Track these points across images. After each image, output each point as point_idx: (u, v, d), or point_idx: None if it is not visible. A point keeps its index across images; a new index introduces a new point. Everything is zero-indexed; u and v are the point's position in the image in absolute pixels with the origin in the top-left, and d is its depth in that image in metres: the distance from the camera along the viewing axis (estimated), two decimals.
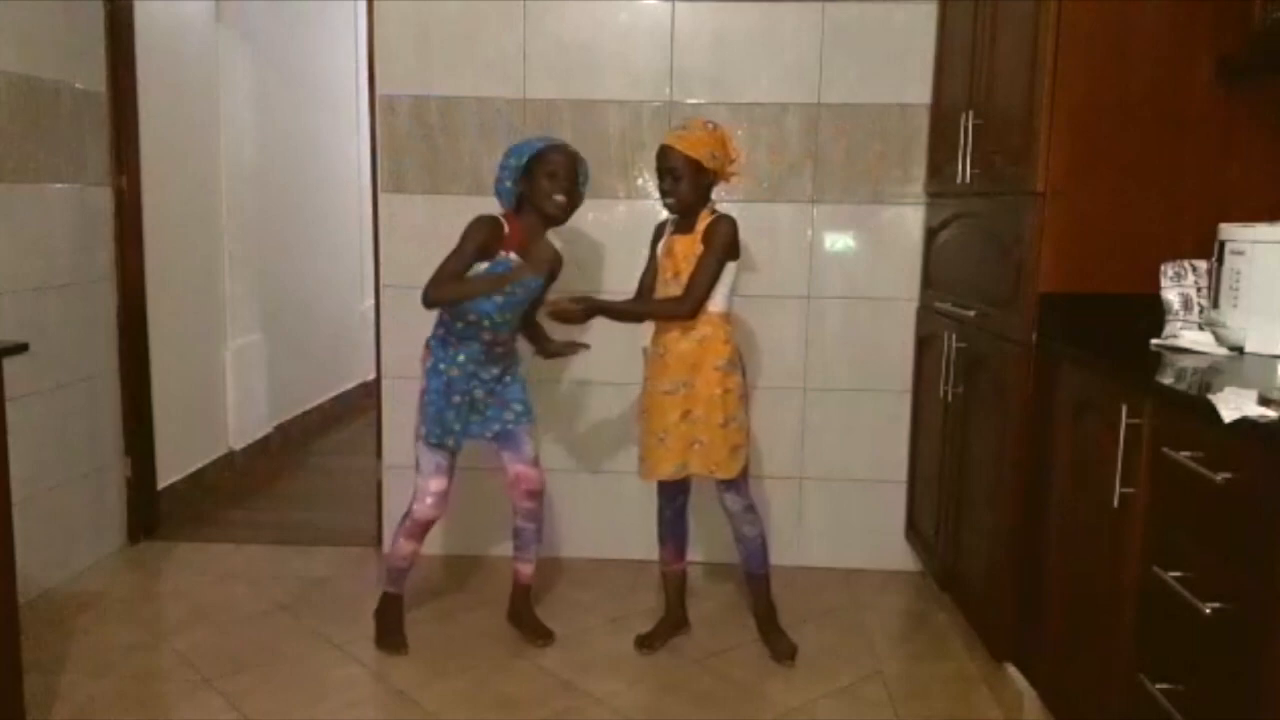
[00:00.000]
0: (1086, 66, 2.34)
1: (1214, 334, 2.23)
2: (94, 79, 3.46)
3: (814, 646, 2.96)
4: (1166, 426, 1.81)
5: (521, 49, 3.42)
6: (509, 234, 2.73)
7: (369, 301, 3.92)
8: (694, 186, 2.69)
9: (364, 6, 3.52)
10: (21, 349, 2.25)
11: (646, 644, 2.94)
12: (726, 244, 2.69)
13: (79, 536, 3.44)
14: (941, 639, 3.08)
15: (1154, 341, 2.30)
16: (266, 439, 4.88)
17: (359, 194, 5.57)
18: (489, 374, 2.84)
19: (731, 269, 2.73)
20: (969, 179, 2.84)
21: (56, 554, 3.30)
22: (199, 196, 4.28)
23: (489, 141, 3.40)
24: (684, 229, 2.75)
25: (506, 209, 2.78)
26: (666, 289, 2.76)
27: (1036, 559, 2.42)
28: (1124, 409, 1.92)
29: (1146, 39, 2.34)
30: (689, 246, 2.71)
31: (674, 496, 2.95)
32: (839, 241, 3.48)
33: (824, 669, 2.85)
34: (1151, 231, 2.38)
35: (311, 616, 3.12)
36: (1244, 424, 1.53)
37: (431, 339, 2.86)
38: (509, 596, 3.04)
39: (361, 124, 4.63)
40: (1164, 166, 2.37)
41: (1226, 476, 1.58)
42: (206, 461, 4.33)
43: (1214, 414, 1.58)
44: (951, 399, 2.96)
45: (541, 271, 2.81)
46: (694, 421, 2.74)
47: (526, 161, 2.71)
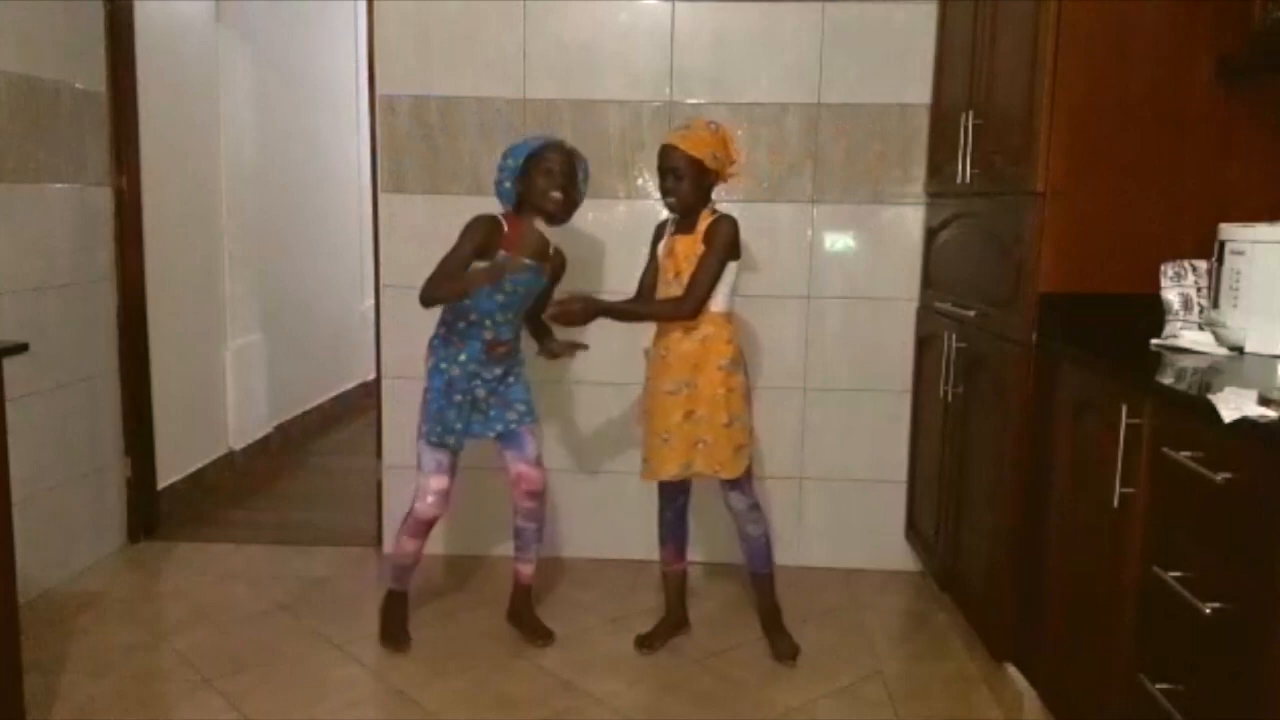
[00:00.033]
0: (1086, 66, 2.34)
1: (1214, 334, 2.23)
2: (94, 79, 3.46)
3: (814, 646, 2.96)
4: (1166, 426, 1.81)
5: (521, 49, 3.42)
6: (509, 233, 2.73)
7: (369, 301, 3.92)
8: (696, 187, 2.70)
9: (364, 6, 3.52)
10: (21, 349, 2.25)
11: (646, 644, 2.94)
12: (728, 244, 2.69)
13: (79, 536, 3.44)
14: (941, 639, 3.08)
15: (1154, 341, 2.30)
16: (266, 439, 4.88)
17: (359, 194, 5.56)
18: (491, 374, 2.84)
19: (733, 269, 2.73)
20: (969, 179, 2.84)
21: (56, 554, 3.30)
22: (199, 196, 4.28)
23: (489, 141, 3.40)
24: (685, 229, 2.75)
25: (507, 209, 2.78)
26: (668, 289, 2.76)
27: (1036, 559, 2.42)
28: (1124, 409, 1.92)
29: (1146, 39, 2.34)
30: (690, 246, 2.71)
31: (674, 497, 2.95)
32: (839, 241, 3.48)
33: (824, 669, 2.85)
34: (1151, 231, 2.38)
35: (311, 616, 3.12)
36: (1244, 424, 1.53)
37: (434, 339, 2.86)
38: (509, 596, 3.04)
39: (361, 124, 4.63)
40: (1164, 166, 2.37)
41: (1226, 476, 1.58)
42: (206, 461, 4.33)
43: (1214, 414, 1.58)
44: (951, 399, 2.96)
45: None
46: (697, 421, 2.73)
47: (524, 161, 2.71)
